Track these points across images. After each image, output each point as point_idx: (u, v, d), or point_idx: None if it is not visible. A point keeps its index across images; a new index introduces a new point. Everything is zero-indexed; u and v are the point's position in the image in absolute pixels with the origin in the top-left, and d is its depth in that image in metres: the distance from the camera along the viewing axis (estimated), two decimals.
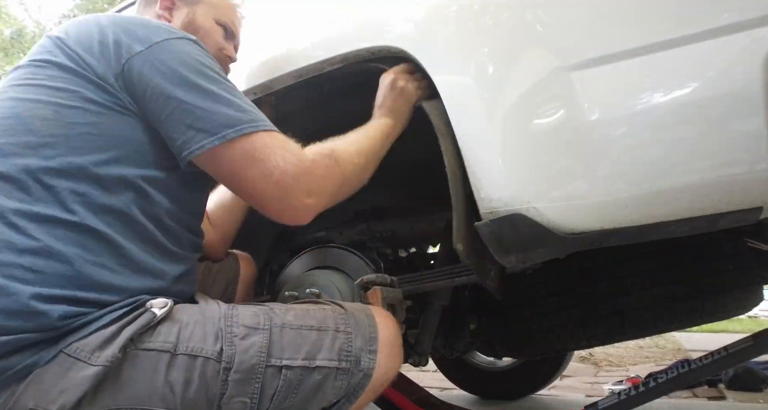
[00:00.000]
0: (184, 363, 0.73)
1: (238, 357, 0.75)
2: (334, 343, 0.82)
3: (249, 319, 0.79)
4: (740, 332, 4.70)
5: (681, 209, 0.76)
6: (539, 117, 0.82)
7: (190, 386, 0.72)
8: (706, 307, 1.40)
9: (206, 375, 0.73)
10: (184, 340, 0.74)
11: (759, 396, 2.43)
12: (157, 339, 0.73)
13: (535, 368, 2.43)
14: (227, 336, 0.76)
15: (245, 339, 0.77)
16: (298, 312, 0.84)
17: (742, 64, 0.70)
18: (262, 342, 0.77)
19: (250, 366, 0.75)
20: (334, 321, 0.85)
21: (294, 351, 0.79)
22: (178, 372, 0.72)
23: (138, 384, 0.71)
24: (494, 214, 0.86)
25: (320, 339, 0.81)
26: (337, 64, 1.10)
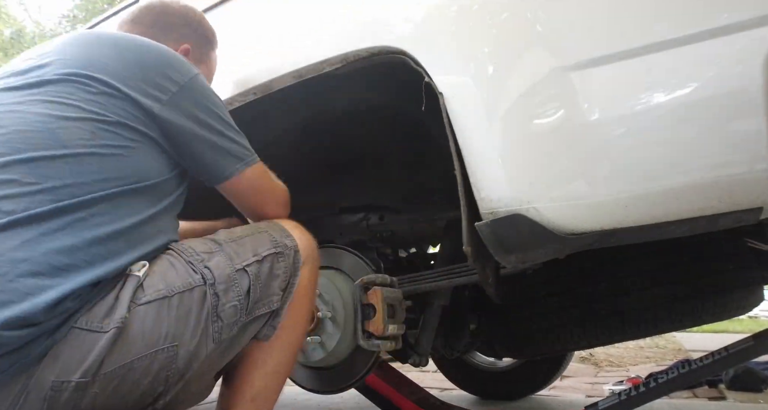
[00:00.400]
0: (180, 300, 0.85)
1: (215, 273, 0.90)
2: (262, 240, 1.00)
3: (201, 247, 0.95)
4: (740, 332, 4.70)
5: (681, 210, 0.76)
6: (539, 117, 0.82)
7: (191, 314, 0.86)
8: (707, 307, 1.40)
9: (201, 299, 0.87)
10: (171, 284, 0.86)
11: (759, 397, 2.43)
12: (149, 292, 0.84)
13: (536, 368, 2.43)
14: (197, 264, 0.90)
15: (210, 259, 0.92)
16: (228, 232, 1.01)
17: (742, 64, 0.70)
18: (223, 258, 0.93)
19: (227, 275, 0.91)
20: (254, 229, 1.03)
21: (244, 254, 0.96)
22: (179, 310, 0.85)
23: (147, 332, 0.81)
24: (494, 214, 0.86)
25: (253, 241, 0.99)
26: (336, 64, 1.10)
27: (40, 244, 0.76)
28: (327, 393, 1.43)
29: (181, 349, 0.84)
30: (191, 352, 0.85)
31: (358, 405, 2.44)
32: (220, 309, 0.88)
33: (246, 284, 0.93)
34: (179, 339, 0.84)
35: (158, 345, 0.82)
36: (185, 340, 0.84)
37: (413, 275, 1.32)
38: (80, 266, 0.78)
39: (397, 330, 1.14)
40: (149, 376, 0.82)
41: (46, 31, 14.14)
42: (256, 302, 0.94)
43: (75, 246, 0.79)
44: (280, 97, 1.24)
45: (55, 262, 0.76)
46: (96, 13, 11.34)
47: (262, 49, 1.30)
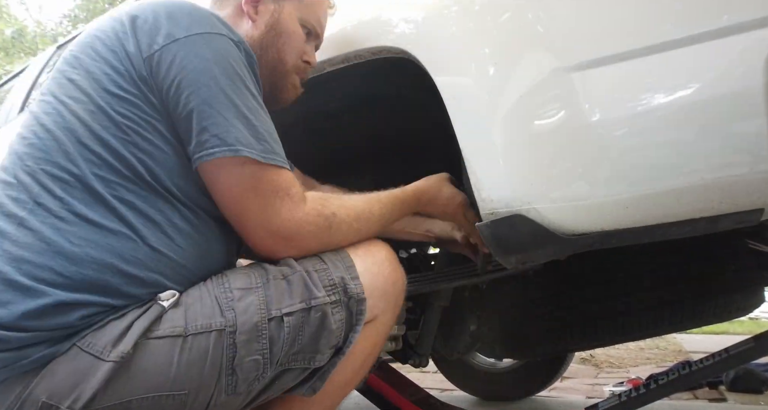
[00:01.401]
0: (196, 342, 0.74)
1: (239, 319, 0.76)
2: (320, 279, 0.83)
3: (240, 282, 0.81)
4: (741, 333, 4.70)
5: (682, 211, 0.75)
6: (540, 118, 0.82)
7: (206, 361, 0.74)
8: (707, 308, 1.40)
9: (218, 346, 0.75)
10: (191, 321, 0.75)
11: (760, 398, 2.43)
12: (165, 326, 0.74)
13: (536, 369, 2.43)
14: (224, 302, 0.77)
15: (241, 300, 0.78)
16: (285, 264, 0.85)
17: (743, 65, 0.70)
18: (258, 299, 0.79)
19: (253, 325, 0.77)
20: (308, 264, 0.86)
21: (289, 298, 0.80)
22: (192, 353, 0.74)
23: (152, 371, 0.72)
24: (495, 215, 0.86)
25: (309, 279, 0.82)
26: (338, 64, 1.10)
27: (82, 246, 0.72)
28: None
29: (190, 397, 0.74)
30: (201, 400, 0.75)
31: (358, 405, 2.44)
32: (237, 362, 0.75)
33: (280, 336, 0.78)
34: (189, 386, 0.73)
35: (163, 390, 0.72)
36: (195, 388, 0.74)
37: (413, 276, 1.32)
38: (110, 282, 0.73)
39: (398, 331, 1.14)
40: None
41: (47, 31, 14.15)
42: (294, 354, 0.80)
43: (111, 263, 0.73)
44: None
45: (88, 270, 0.71)
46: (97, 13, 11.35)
47: None
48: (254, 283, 0.81)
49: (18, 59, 11.88)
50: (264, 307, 0.78)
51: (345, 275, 0.85)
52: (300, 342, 0.80)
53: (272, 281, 0.81)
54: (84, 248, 0.72)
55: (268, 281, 0.81)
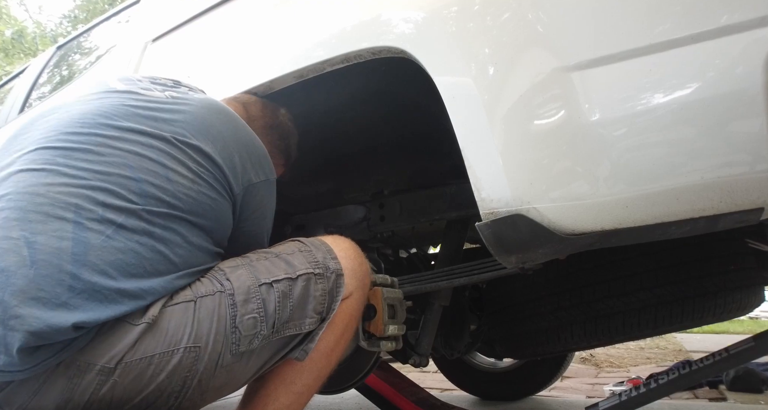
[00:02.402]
0: (204, 303, 0.89)
1: (234, 284, 0.92)
2: (303, 258, 1.00)
3: (228, 264, 0.98)
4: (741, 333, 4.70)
5: (681, 210, 0.75)
6: (539, 118, 0.82)
7: (213, 316, 0.88)
8: (707, 308, 1.40)
9: (221, 305, 0.89)
10: (197, 291, 0.90)
11: (760, 398, 2.43)
12: (179, 297, 0.89)
13: (536, 369, 2.43)
14: (219, 277, 0.93)
15: (233, 273, 0.94)
16: (264, 250, 1.03)
17: (743, 64, 0.70)
18: (246, 272, 0.95)
19: (247, 287, 0.92)
20: (295, 247, 1.03)
21: (275, 271, 0.97)
22: (202, 311, 0.88)
23: (172, 330, 0.85)
24: (495, 214, 0.86)
25: (290, 259, 1.00)
26: (338, 64, 1.10)
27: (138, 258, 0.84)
28: (327, 393, 1.43)
29: (202, 352, 0.86)
30: (212, 358, 0.87)
31: (358, 405, 2.44)
32: (239, 320, 0.89)
33: (272, 299, 0.93)
34: (200, 341, 0.86)
35: (180, 344, 0.85)
36: (206, 343, 0.87)
37: (414, 276, 1.32)
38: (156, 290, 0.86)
39: (398, 331, 1.14)
40: (165, 373, 0.84)
41: (47, 31, 14.15)
42: (286, 322, 0.94)
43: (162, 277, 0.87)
44: (280, 95, 1.24)
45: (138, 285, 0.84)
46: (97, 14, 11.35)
47: (263, 49, 1.30)
48: (240, 263, 0.97)
49: (18, 60, 11.87)
50: (253, 276, 0.94)
51: (326, 255, 1.02)
52: (291, 308, 0.94)
53: (255, 261, 0.98)
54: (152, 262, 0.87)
55: (252, 261, 0.98)
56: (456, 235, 1.48)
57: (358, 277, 1.05)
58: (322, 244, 1.04)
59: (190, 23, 1.57)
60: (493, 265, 1.15)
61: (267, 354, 0.95)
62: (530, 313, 1.59)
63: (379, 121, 1.43)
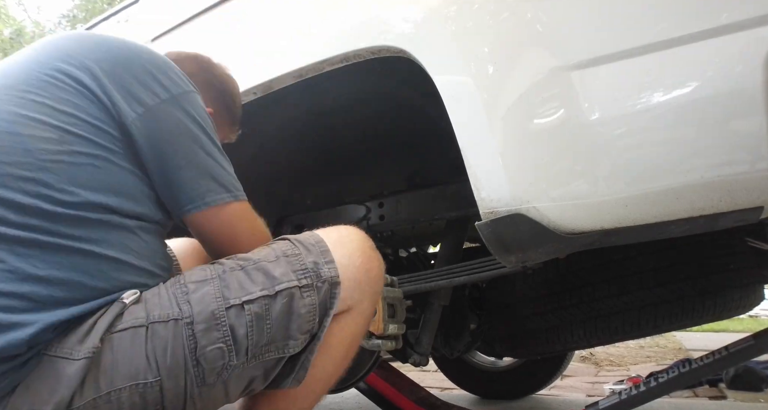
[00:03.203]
0: (158, 330, 0.75)
1: (195, 309, 0.77)
2: (286, 267, 0.83)
3: (196, 276, 0.82)
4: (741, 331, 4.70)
5: (681, 209, 0.75)
6: (539, 117, 0.82)
7: (167, 350, 0.74)
8: (707, 306, 1.40)
9: (178, 335, 0.75)
10: (150, 312, 0.76)
11: (760, 396, 2.43)
12: (127, 318, 0.75)
13: (536, 368, 2.43)
14: (180, 296, 0.78)
15: (196, 292, 0.79)
16: (242, 256, 0.86)
17: (742, 63, 0.70)
18: (213, 289, 0.79)
19: (210, 313, 0.77)
20: (280, 251, 0.86)
21: (249, 287, 0.80)
22: (154, 341, 0.75)
23: (122, 363, 0.73)
24: (495, 214, 0.86)
25: (271, 271, 0.82)
26: (337, 64, 1.10)
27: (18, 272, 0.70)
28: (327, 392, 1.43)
29: (166, 385, 0.74)
30: (177, 392, 0.75)
31: (359, 404, 2.44)
32: (200, 352, 0.75)
33: (242, 323, 0.77)
34: (162, 373, 0.74)
35: (137, 378, 0.73)
36: (165, 375, 0.74)
37: (413, 275, 1.32)
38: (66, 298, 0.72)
39: (398, 330, 1.14)
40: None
41: (45, 31, 14.14)
42: (265, 345, 0.80)
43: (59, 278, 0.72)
44: (280, 94, 1.24)
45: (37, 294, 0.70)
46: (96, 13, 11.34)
47: (263, 48, 1.30)
48: (209, 275, 0.81)
49: None
50: (220, 296, 0.78)
51: (319, 259, 0.85)
52: (269, 330, 0.79)
53: (228, 272, 0.82)
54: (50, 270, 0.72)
55: (225, 272, 0.81)
56: (456, 234, 1.48)
57: (363, 287, 0.88)
58: (317, 244, 0.87)
59: (189, 23, 1.57)
60: (492, 264, 1.15)
61: (249, 376, 0.82)
62: (530, 312, 1.59)
63: (379, 121, 1.43)
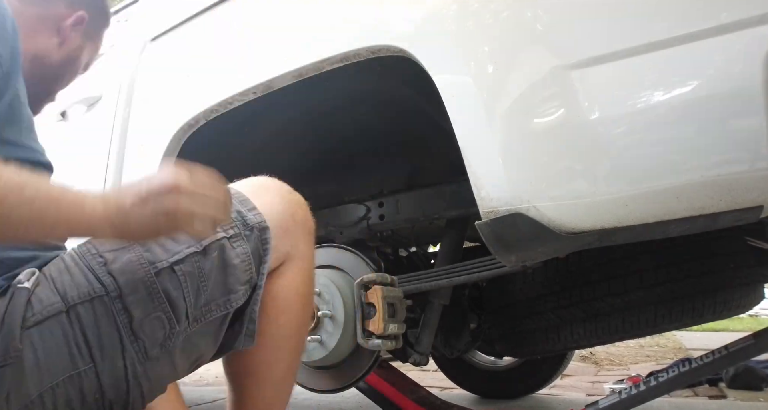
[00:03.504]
0: (81, 313, 0.68)
1: (120, 280, 0.69)
2: None
3: (109, 245, 0.73)
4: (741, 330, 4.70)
5: (681, 208, 0.75)
6: (539, 116, 0.82)
7: (97, 331, 0.68)
8: (707, 306, 1.40)
9: (106, 313, 0.68)
10: (66, 294, 0.68)
11: (760, 395, 2.43)
12: (39, 307, 0.66)
13: (536, 367, 2.43)
14: (97, 268, 0.70)
15: (116, 261, 0.70)
16: None
17: (742, 62, 0.70)
18: (134, 256, 0.71)
19: (138, 281, 0.70)
20: None
21: (173, 246, 0.73)
22: (80, 325, 0.67)
23: (47, 359, 0.65)
24: (494, 213, 0.86)
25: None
26: (337, 63, 1.10)
27: None
28: (327, 392, 1.43)
29: (101, 369, 0.67)
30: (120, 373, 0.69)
31: (359, 404, 2.44)
32: (136, 325, 0.68)
33: (177, 287, 0.71)
34: (96, 358, 0.67)
35: (68, 370, 0.65)
36: (100, 360, 0.67)
37: (413, 275, 1.32)
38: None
39: (398, 329, 1.14)
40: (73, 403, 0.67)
41: None
42: (205, 305, 0.73)
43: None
44: (280, 94, 1.24)
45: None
46: None
47: (262, 47, 1.30)
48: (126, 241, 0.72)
49: None
50: (145, 261, 0.71)
51: (241, 208, 0.79)
52: (206, 288, 0.73)
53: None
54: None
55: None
56: (456, 234, 1.48)
57: (294, 232, 0.83)
58: (235, 195, 0.79)
59: (190, 22, 1.57)
60: (492, 264, 1.15)
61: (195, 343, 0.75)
62: (530, 311, 1.59)
63: (379, 120, 1.43)
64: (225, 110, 1.30)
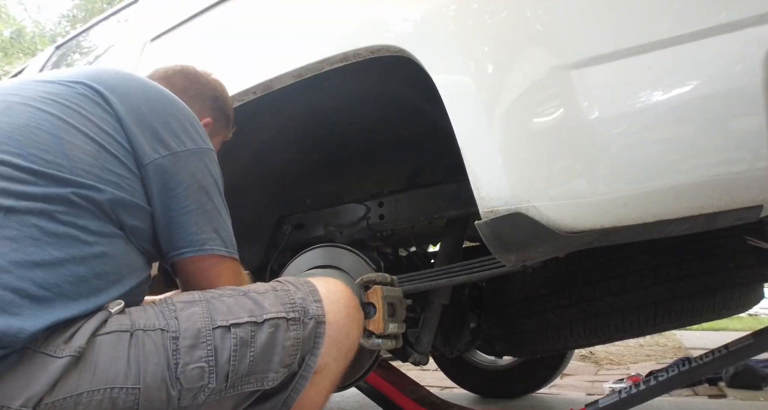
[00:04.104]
0: (142, 338, 0.75)
1: (182, 325, 0.77)
2: (275, 299, 0.85)
3: (184, 297, 0.83)
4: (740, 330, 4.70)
5: (680, 208, 0.76)
6: (539, 116, 0.82)
7: (149, 358, 0.74)
8: (707, 305, 1.40)
9: (162, 346, 0.75)
10: (136, 322, 0.76)
11: (759, 394, 2.43)
12: (112, 325, 0.75)
13: (536, 367, 2.43)
14: (168, 313, 0.79)
15: (184, 310, 0.79)
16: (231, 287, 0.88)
17: (742, 62, 0.70)
18: (201, 310, 0.80)
19: (197, 330, 0.77)
20: (269, 286, 0.89)
21: (238, 312, 0.81)
22: (138, 348, 0.74)
23: (102, 365, 0.72)
24: (494, 213, 0.86)
25: (260, 300, 0.84)
26: (336, 63, 1.10)
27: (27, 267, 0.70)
28: None
29: (143, 395, 0.72)
30: (154, 405, 0.73)
31: (359, 403, 2.44)
32: (181, 369, 0.74)
33: (227, 346, 0.77)
34: (142, 382, 0.72)
35: (116, 383, 0.71)
36: (148, 385, 0.73)
37: (413, 274, 1.32)
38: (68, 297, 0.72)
39: (398, 329, 1.14)
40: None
41: (45, 31, 14.13)
42: (245, 376, 0.79)
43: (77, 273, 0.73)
44: (279, 94, 1.24)
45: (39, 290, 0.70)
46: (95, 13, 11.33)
47: (262, 47, 1.30)
48: (198, 298, 0.82)
49: (17, 60, 11.84)
50: (208, 316, 0.79)
51: (307, 297, 0.87)
52: (252, 358, 0.79)
53: (217, 298, 0.83)
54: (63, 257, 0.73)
55: (213, 298, 0.83)
56: (455, 233, 1.48)
57: (341, 348, 0.89)
58: (306, 284, 0.90)
59: (189, 22, 1.57)
60: (492, 263, 1.15)
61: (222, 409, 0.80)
62: (530, 311, 1.59)
63: (378, 120, 1.43)
64: None
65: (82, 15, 13.44)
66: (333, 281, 0.95)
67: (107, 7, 11.15)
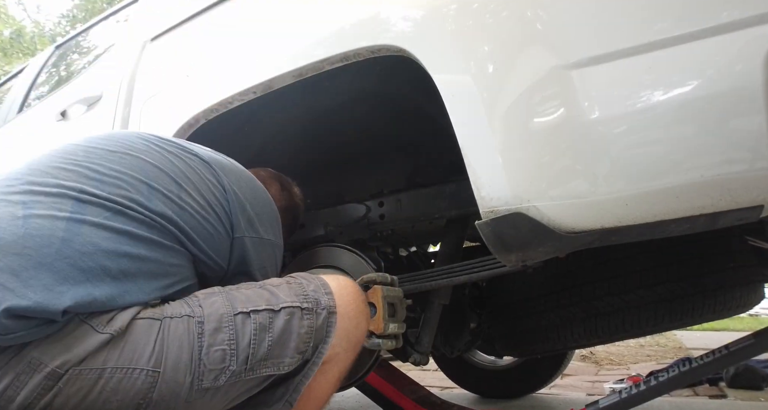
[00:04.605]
0: (170, 325, 0.82)
1: (206, 310, 0.84)
2: (289, 291, 0.92)
3: (205, 290, 0.91)
4: (741, 330, 4.70)
5: (681, 208, 0.75)
6: (539, 116, 0.82)
7: (175, 342, 0.80)
8: (707, 305, 1.40)
9: (189, 331, 0.82)
10: (166, 312, 0.84)
11: (760, 395, 2.43)
12: (146, 313, 0.82)
13: (536, 367, 2.43)
14: (192, 302, 0.86)
15: (207, 299, 0.87)
16: (248, 282, 0.96)
17: (743, 62, 0.70)
18: (222, 299, 0.87)
19: (219, 316, 0.84)
20: (283, 280, 0.96)
21: (256, 300, 0.88)
22: (166, 332, 0.81)
23: (129, 346, 0.79)
24: (495, 213, 0.86)
25: (275, 292, 0.91)
26: (337, 63, 1.10)
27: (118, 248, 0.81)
28: None
29: (161, 379, 0.78)
30: (171, 388, 0.79)
31: (359, 403, 2.44)
32: (205, 351, 0.81)
33: (247, 330, 0.84)
34: (161, 366, 0.79)
35: (139, 364, 0.78)
36: (166, 370, 0.79)
37: (414, 274, 1.32)
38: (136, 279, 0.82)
39: (398, 329, 1.14)
40: (119, 395, 0.77)
41: (45, 31, 14.13)
42: (262, 360, 0.85)
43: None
44: (279, 94, 1.24)
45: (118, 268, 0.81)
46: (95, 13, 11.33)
47: (262, 47, 1.30)
48: (218, 291, 0.90)
49: (16, 60, 11.85)
50: (229, 304, 0.86)
51: (319, 289, 0.94)
52: (270, 343, 0.86)
53: (235, 290, 0.91)
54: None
55: (231, 291, 0.91)
56: (456, 233, 1.48)
57: (351, 339, 0.95)
58: (317, 278, 0.97)
59: (189, 22, 1.57)
60: (493, 263, 1.15)
61: (234, 393, 0.86)
62: (530, 311, 1.59)
63: (379, 120, 1.43)
64: (225, 109, 1.31)
65: (82, 15, 13.45)
66: (341, 277, 1.00)
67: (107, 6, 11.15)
